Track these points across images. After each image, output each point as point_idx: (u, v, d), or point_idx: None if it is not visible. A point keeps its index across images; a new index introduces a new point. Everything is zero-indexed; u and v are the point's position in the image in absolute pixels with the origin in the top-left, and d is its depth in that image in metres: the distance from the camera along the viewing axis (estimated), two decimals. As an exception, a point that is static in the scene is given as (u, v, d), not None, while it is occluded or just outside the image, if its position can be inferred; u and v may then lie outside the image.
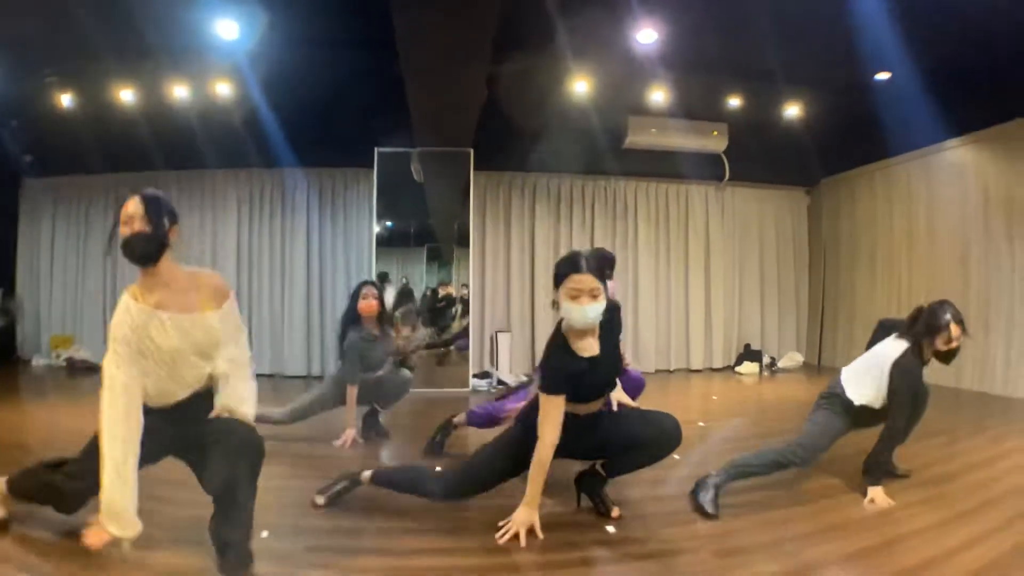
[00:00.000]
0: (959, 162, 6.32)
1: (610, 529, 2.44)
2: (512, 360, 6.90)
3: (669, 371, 7.43)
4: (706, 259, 7.64)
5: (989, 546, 2.18)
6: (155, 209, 1.86)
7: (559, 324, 2.31)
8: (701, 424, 4.54)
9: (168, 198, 1.97)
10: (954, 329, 2.74)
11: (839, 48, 5.26)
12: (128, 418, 1.65)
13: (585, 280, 2.18)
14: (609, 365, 2.38)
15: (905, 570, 2.02)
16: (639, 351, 7.37)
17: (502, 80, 5.68)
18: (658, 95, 6.50)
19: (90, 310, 7.27)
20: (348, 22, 5.12)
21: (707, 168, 7.46)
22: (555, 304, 2.28)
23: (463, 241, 6.95)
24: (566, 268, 2.23)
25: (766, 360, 7.56)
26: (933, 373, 6.16)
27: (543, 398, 2.21)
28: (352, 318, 3.88)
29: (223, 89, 6.24)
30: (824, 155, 7.56)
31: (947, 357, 2.79)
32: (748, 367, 7.38)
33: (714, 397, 6.12)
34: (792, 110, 6.88)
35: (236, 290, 6.85)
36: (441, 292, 7.20)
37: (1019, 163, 5.65)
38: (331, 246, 7.13)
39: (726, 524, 2.48)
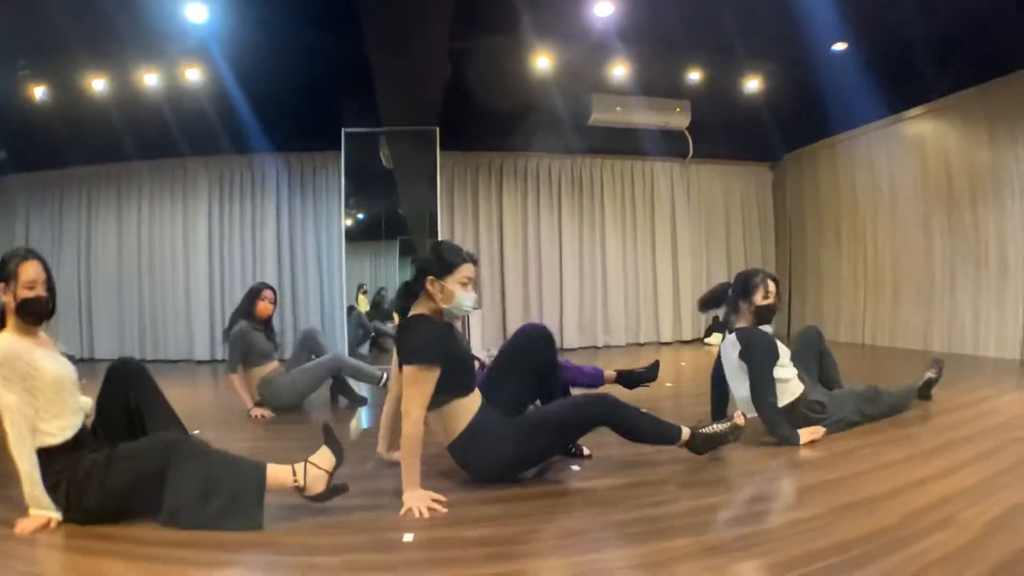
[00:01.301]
0: (919, 132, 6.46)
1: (574, 468, 2.48)
2: (484, 337, 6.96)
3: (639, 344, 7.50)
4: (673, 235, 7.76)
5: (958, 478, 2.15)
6: (51, 277, 2.10)
7: (420, 315, 2.23)
8: (668, 384, 4.65)
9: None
10: (769, 283, 2.86)
11: (795, 19, 5.31)
12: (26, 436, 1.86)
13: (473, 270, 2.25)
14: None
15: (873, 497, 1.99)
16: (609, 326, 7.45)
17: (465, 58, 5.81)
18: (619, 70, 6.63)
19: (65, 303, 7.20)
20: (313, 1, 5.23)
21: (672, 145, 7.60)
22: (424, 292, 2.24)
23: (436, 232, 7.04)
24: (459, 258, 2.23)
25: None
26: (904, 338, 6.24)
27: (417, 371, 2.06)
28: (246, 313, 4.00)
29: (193, 74, 6.32)
30: (786, 130, 7.70)
31: (767, 314, 2.87)
32: (716, 338, 7.44)
33: (683, 363, 6.18)
34: (752, 84, 7.00)
35: (208, 275, 7.07)
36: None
37: (978, 131, 5.77)
38: (301, 231, 7.22)
39: (697, 464, 2.48)
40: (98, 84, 6.42)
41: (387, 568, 1.60)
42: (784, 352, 2.85)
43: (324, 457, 1.95)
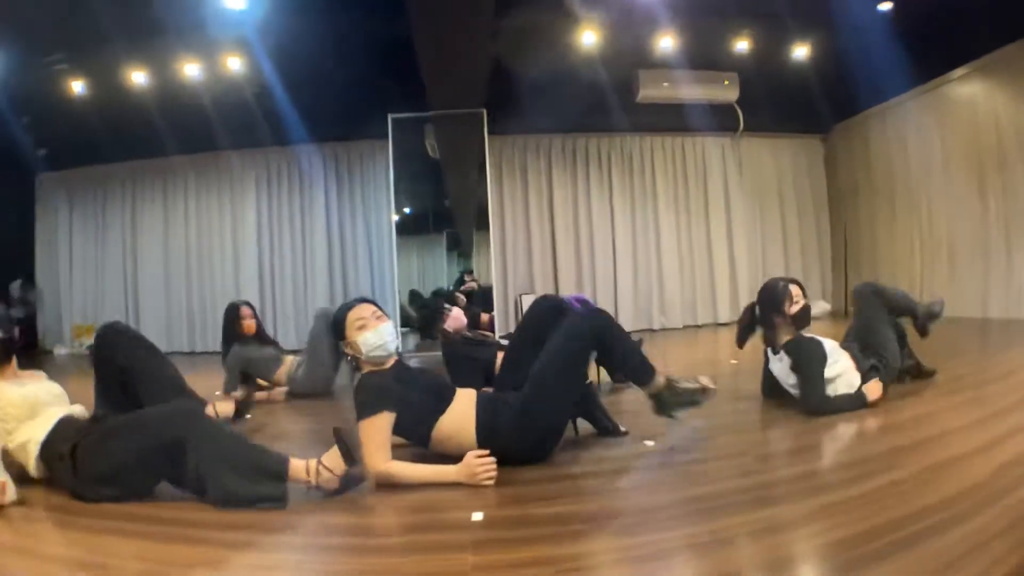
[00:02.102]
0: (968, 91, 6.27)
1: (648, 443, 2.37)
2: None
3: (697, 326, 7.39)
4: (727, 212, 7.61)
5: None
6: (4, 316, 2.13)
7: (363, 374, 2.16)
8: (733, 362, 4.50)
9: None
10: (792, 289, 2.81)
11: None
12: None
13: (364, 308, 2.17)
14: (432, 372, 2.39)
15: (961, 455, 1.96)
16: (665, 307, 7.35)
17: (510, 36, 5.63)
18: (666, 42, 6.42)
19: (111, 299, 7.27)
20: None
21: (721, 120, 7.40)
22: (347, 356, 2.21)
23: (483, 223, 6.89)
24: (341, 312, 2.20)
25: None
26: (962, 305, 6.13)
27: (365, 425, 1.99)
28: (233, 336, 4.01)
29: (234, 64, 6.17)
30: (835, 99, 7.48)
31: (804, 318, 2.82)
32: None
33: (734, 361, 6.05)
34: (800, 51, 6.80)
35: (258, 270, 6.99)
36: (466, 283, 7.15)
37: (1026, 85, 5.59)
38: (351, 222, 7.12)
39: (763, 434, 2.43)
40: (138, 77, 6.27)
41: (458, 548, 1.49)
42: (831, 348, 2.81)
43: (334, 460, 1.84)
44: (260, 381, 3.95)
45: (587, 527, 1.61)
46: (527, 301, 6.82)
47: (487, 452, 1.93)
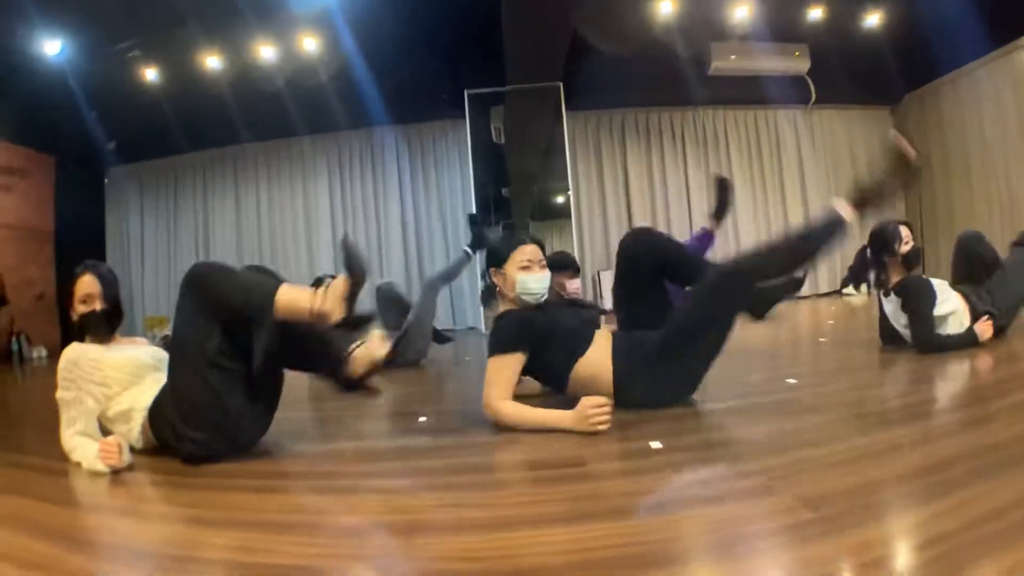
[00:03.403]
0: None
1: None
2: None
3: (776, 299, 7.26)
4: (801, 184, 7.51)
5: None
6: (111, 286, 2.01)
7: (501, 312, 2.10)
8: (822, 340, 4.40)
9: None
10: (902, 229, 2.82)
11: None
12: (75, 423, 1.84)
13: (533, 249, 2.08)
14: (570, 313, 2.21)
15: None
16: (744, 281, 7.22)
17: (589, 5, 5.57)
18: (741, 11, 6.35)
19: None
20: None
21: (793, 91, 7.32)
22: (494, 289, 2.12)
23: (542, 214, 6.74)
24: (510, 245, 2.10)
25: (872, 279, 7.36)
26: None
27: (493, 361, 1.95)
28: None
29: (310, 45, 6.13)
30: (906, 67, 7.38)
31: (915, 258, 2.83)
32: (854, 290, 7.17)
33: (830, 321, 5.90)
34: (872, 19, 6.71)
35: (333, 256, 6.90)
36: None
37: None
38: (425, 202, 7.07)
39: (862, 393, 2.25)
40: (212, 62, 6.22)
41: (637, 472, 1.45)
42: (941, 287, 2.80)
43: (340, 280, 1.65)
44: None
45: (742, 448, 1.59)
46: (605, 277, 6.73)
47: (604, 401, 1.78)
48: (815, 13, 6.54)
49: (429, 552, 1.10)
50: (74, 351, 1.86)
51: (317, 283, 3.83)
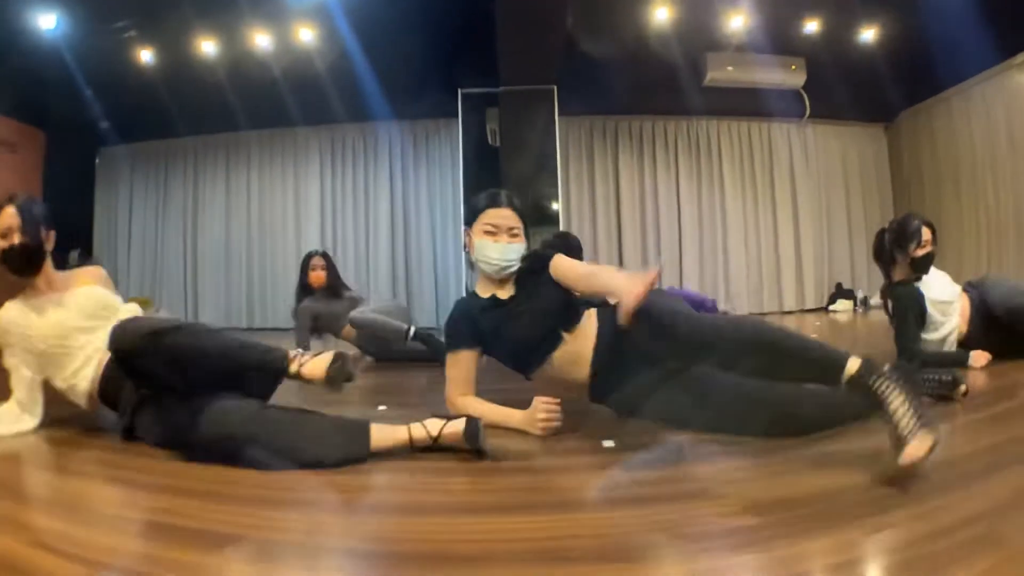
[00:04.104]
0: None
1: None
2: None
3: (762, 313, 7.27)
4: (793, 198, 7.51)
5: None
6: (33, 220, 1.91)
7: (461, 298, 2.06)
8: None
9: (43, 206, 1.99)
10: (924, 231, 2.75)
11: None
12: (17, 388, 1.89)
13: (504, 214, 1.87)
14: (537, 315, 1.84)
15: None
16: (731, 293, 7.24)
17: (583, 7, 5.56)
18: (736, 22, 6.32)
19: (170, 273, 7.21)
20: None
21: (788, 105, 7.32)
22: (466, 248, 1.94)
23: (537, 219, 6.69)
24: (483, 203, 1.91)
25: (859, 296, 7.41)
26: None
27: (448, 357, 1.89)
28: (303, 288, 3.90)
29: (306, 35, 6.10)
30: (901, 84, 7.38)
31: (924, 264, 2.75)
32: (842, 304, 7.22)
33: (814, 335, 5.92)
34: (867, 34, 6.70)
35: (320, 245, 6.88)
36: None
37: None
38: (415, 200, 7.05)
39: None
40: (207, 47, 6.18)
41: (585, 469, 1.47)
42: (948, 308, 2.73)
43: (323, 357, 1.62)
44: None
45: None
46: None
47: (554, 401, 1.69)
48: (811, 26, 6.54)
49: (361, 531, 1.11)
50: (4, 318, 1.86)
51: (306, 259, 3.82)
